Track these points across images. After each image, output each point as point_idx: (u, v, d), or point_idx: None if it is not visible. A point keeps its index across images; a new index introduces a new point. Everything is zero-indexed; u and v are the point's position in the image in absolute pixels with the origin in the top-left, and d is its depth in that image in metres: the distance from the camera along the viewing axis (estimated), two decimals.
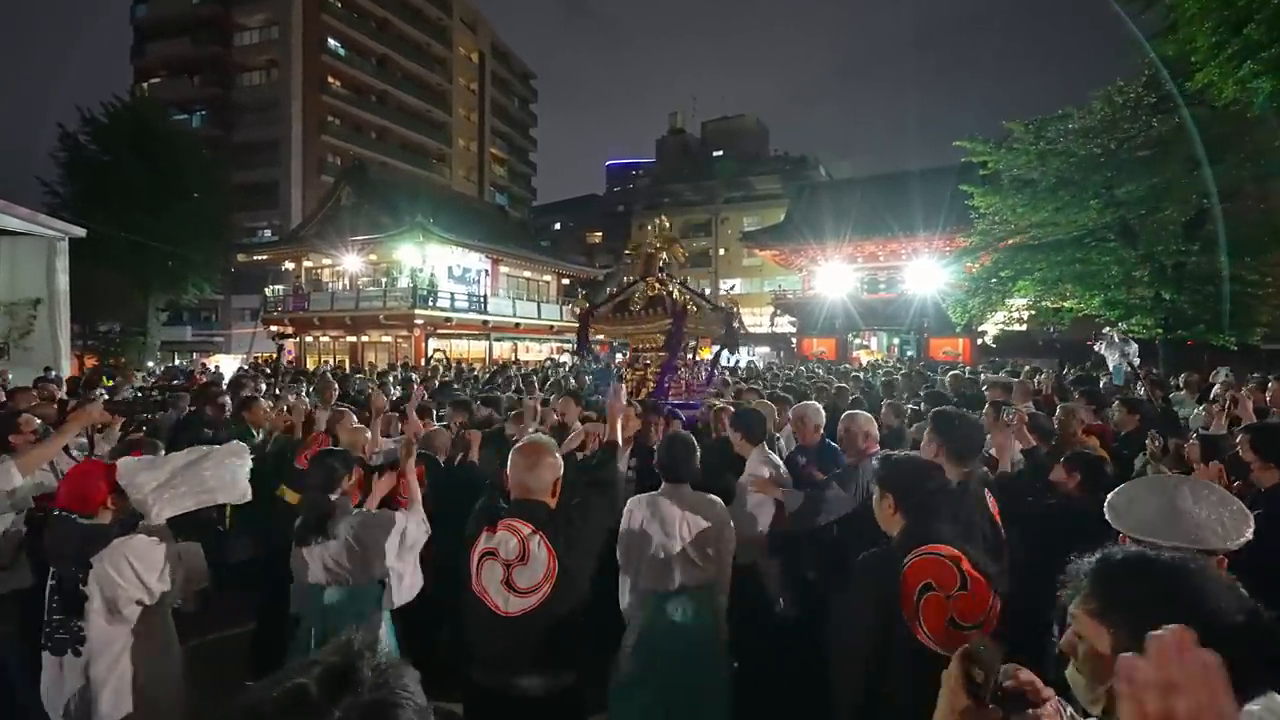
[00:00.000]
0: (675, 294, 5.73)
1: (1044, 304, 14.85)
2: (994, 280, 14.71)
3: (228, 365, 21.44)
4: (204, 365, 19.69)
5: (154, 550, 2.17)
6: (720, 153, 55.98)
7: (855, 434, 3.17)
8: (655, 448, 3.83)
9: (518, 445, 2.15)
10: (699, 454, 2.71)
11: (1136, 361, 7.89)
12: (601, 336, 8.73)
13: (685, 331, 5.74)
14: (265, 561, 3.71)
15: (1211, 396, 5.07)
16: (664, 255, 6.04)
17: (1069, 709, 0.96)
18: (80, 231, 13.43)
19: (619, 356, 15.75)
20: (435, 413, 5.36)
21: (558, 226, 58.64)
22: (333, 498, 2.61)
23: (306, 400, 5.20)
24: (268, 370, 13.24)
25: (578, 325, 6.37)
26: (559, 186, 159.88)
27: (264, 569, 3.65)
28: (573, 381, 9.87)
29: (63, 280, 13.09)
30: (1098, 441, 3.70)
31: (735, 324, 6.23)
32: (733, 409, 4.47)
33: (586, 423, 4.14)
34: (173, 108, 32.75)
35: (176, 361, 25.21)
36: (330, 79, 38.19)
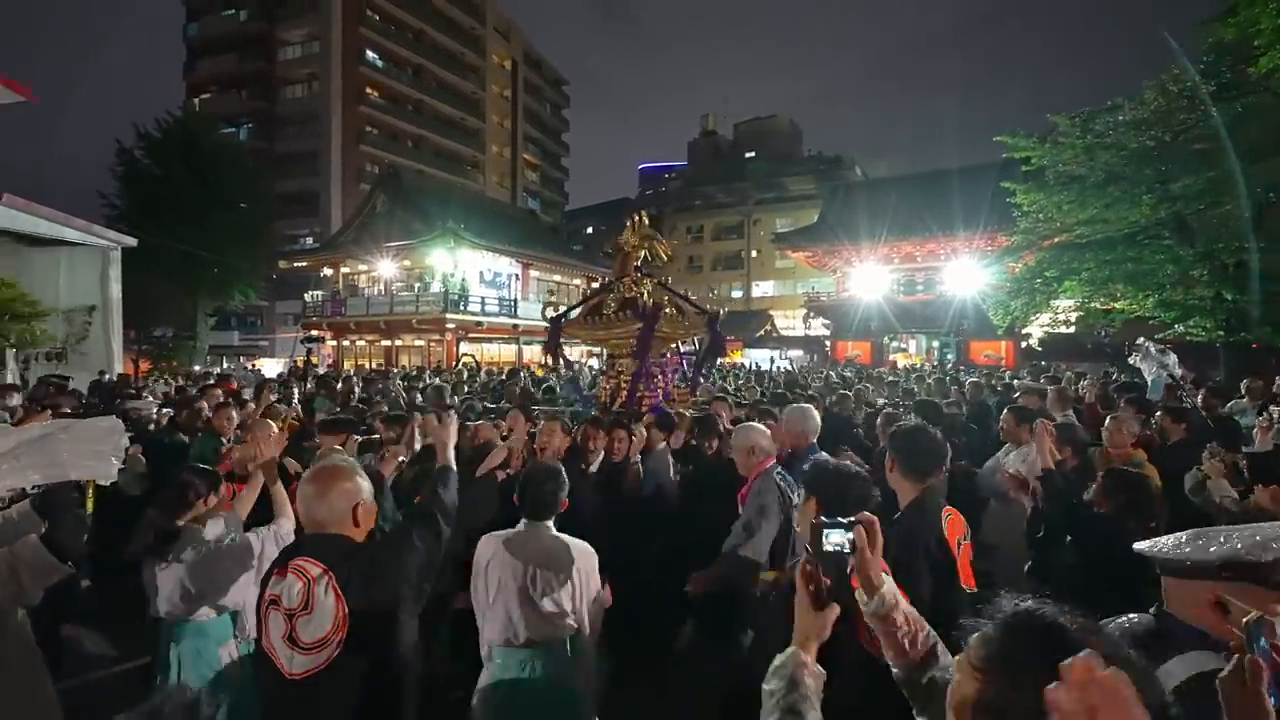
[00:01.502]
0: (647, 295, 5.34)
1: (1092, 305, 14.18)
2: (1038, 281, 14.10)
3: (270, 368, 22.11)
4: (247, 368, 20.37)
5: None
6: (752, 154, 55.57)
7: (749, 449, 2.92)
8: (629, 462, 3.62)
9: (309, 470, 1.86)
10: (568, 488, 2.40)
11: (1178, 372, 7.34)
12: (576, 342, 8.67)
13: (661, 335, 5.40)
14: None
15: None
16: (642, 253, 5.66)
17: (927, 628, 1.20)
18: (132, 241, 14.04)
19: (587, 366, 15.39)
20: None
21: (590, 230, 58.98)
22: (180, 521, 2.41)
23: (289, 407, 5.10)
24: (300, 374, 13.59)
25: (548, 330, 5.97)
26: (591, 190, 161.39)
27: None
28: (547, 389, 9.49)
29: (115, 288, 13.70)
30: (1145, 454, 3.43)
31: (719, 327, 5.79)
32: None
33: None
34: (221, 121, 34.03)
35: (225, 365, 26.17)
36: (368, 90, 39.20)
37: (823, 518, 1.17)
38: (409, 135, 42.10)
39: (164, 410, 6.18)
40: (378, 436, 3.84)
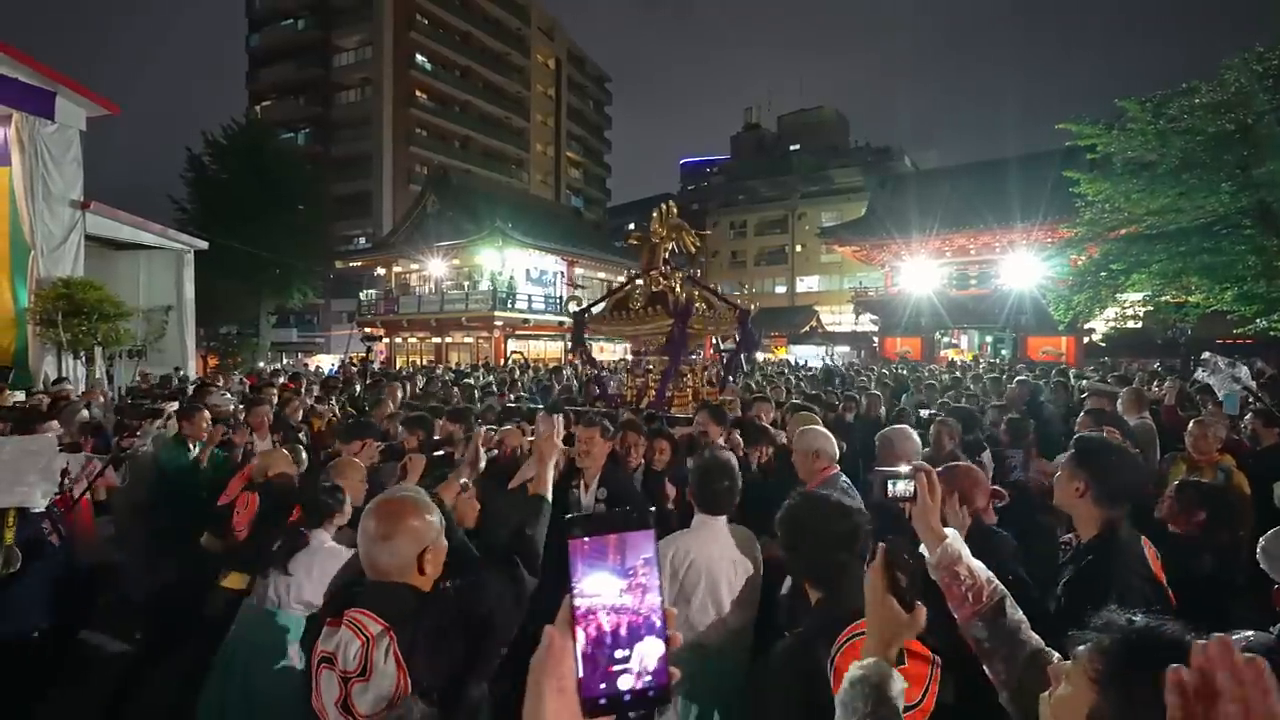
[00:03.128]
0: (678, 289, 5.06)
1: (1162, 299, 13.47)
2: (1103, 274, 13.47)
3: (327, 364, 23.06)
4: (304, 365, 21.27)
5: None
6: (797, 147, 54.62)
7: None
8: (648, 473, 3.26)
9: (373, 503, 1.58)
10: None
11: (1253, 384, 6.85)
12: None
13: (690, 332, 5.08)
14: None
15: None
16: (670, 246, 5.35)
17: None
18: (203, 244, 14.84)
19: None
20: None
21: (631, 227, 59.10)
22: (309, 533, 2.39)
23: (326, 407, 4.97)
24: (357, 370, 14.09)
25: (573, 326, 5.68)
26: (633, 186, 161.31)
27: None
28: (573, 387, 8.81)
29: (189, 288, 14.52)
30: (1234, 461, 3.25)
31: (751, 324, 5.49)
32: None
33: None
34: (281, 127, 35.56)
35: (285, 361, 27.40)
36: (418, 92, 40.25)
37: (881, 468, 1.12)
38: (456, 136, 43.05)
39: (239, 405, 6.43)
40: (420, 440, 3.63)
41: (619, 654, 0.52)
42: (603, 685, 0.51)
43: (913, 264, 26.22)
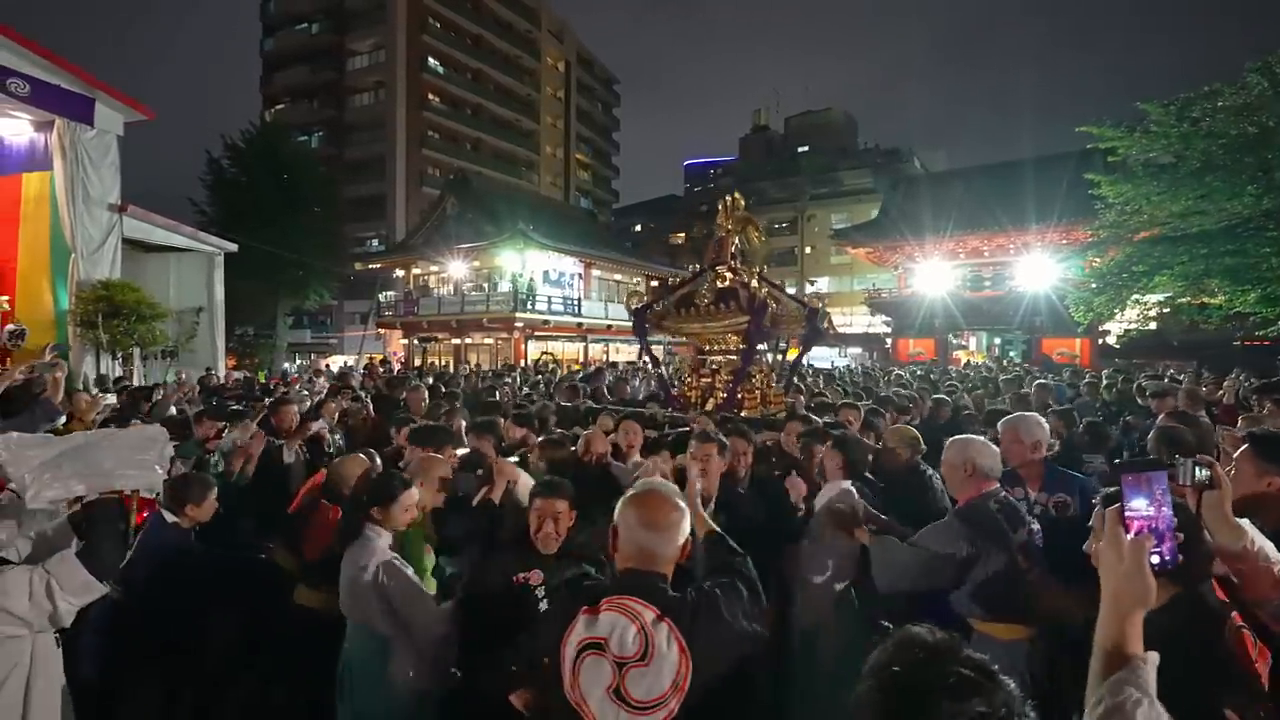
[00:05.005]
0: (757, 285, 4.82)
1: (1183, 301, 13.54)
2: (1124, 275, 13.56)
3: (346, 363, 23.23)
4: (321, 366, 21.42)
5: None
6: (805, 148, 54.67)
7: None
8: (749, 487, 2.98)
9: (632, 494, 1.57)
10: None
11: None
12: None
13: (765, 330, 4.85)
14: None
15: None
16: (736, 240, 5.11)
17: None
18: (233, 246, 15.07)
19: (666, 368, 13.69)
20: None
21: (638, 228, 59.23)
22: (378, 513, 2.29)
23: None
24: (381, 370, 14.25)
25: (633, 324, 5.43)
26: (637, 188, 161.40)
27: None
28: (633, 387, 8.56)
29: (219, 290, 14.75)
30: None
31: (821, 323, 5.26)
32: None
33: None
34: (295, 130, 35.81)
35: (298, 362, 27.60)
36: (430, 95, 40.50)
37: (1177, 456, 1.17)
38: (468, 138, 43.28)
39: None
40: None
41: (1150, 544, 0.93)
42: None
43: (926, 265, 26.31)
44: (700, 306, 4.87)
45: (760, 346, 5.38)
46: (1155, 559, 0.92)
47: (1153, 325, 16.57)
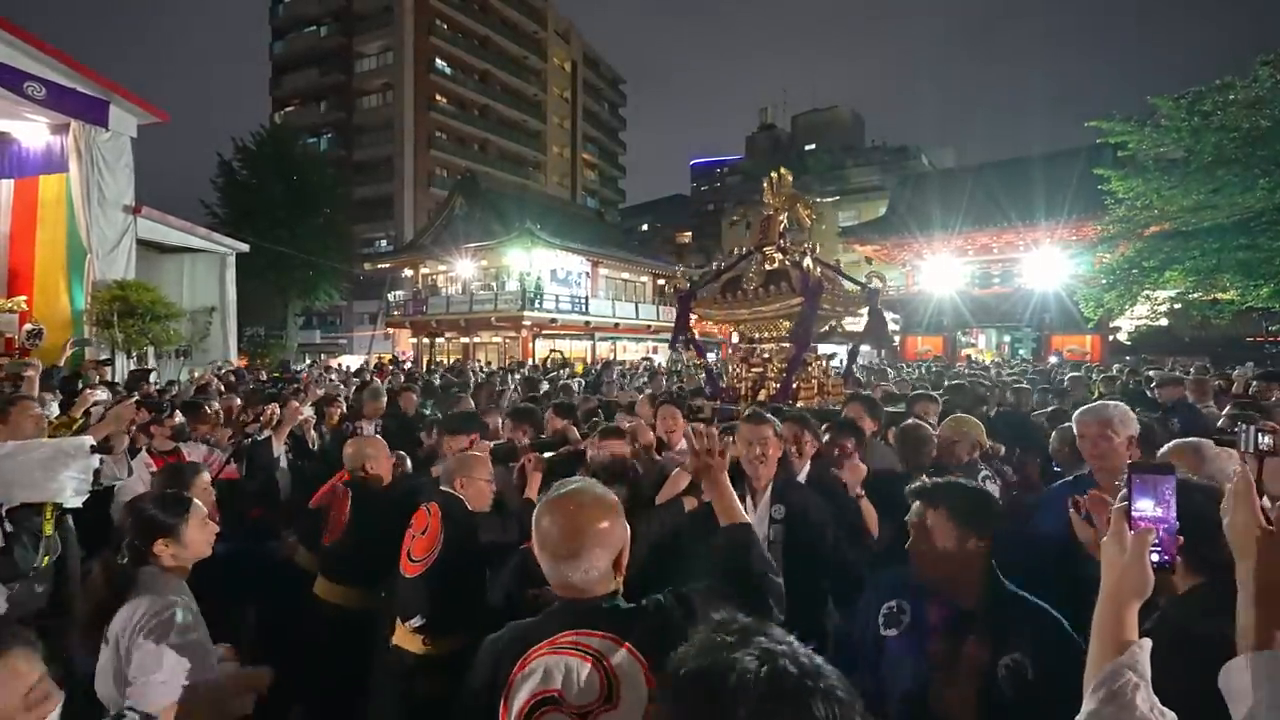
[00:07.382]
0: (811, 265, 4.39)
1: (1194, 296, 13.45)
2: (1135, 271, 13.48)
3: (349, 364, 23.40)
4: (326, 365, 21.58)
5: None
6: (812, 146, 54.61)
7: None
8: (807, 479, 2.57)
9: (540, 508, 1.26)
10: None
11: None
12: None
13: (821, 313, 4.47)
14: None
15: None
16: (784, 218, 4.71)
17: None
18: (245, 247, 15.25)
19: (711, 355, 13.10)
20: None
21: (645, 227, 59.37)
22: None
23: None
24: (392, 368, 14.39)
25: (676, 309, 5.10)
26: (643, 187, 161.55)
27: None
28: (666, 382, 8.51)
29: (232, 290, 14.95)
30: None
31: (880, 305, 4.84)
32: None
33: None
34: (304, 132, 36.11)
35: (307, 361, 27.81)
36: (437, 97, 40.70)
37: (1239, 424, 1.11)
38: (475, 139, 43.47)
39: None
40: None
41: (1151, 540, 0.93)
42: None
43: (934, 262, 26.20)
44: (748, 290, 4.54)
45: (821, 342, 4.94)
46: (1154, 556, 0.94)
47: (1163, 321, 16.46)
